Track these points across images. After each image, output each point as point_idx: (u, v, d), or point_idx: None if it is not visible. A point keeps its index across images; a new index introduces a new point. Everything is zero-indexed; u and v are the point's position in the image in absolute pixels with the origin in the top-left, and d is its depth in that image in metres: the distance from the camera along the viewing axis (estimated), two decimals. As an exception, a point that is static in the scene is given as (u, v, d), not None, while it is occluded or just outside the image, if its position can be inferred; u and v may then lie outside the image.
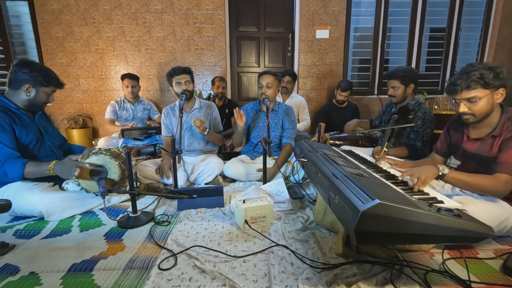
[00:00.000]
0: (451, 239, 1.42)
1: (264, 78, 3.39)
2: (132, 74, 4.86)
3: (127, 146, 4.21)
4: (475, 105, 2.07)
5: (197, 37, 5.62)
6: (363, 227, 1.26)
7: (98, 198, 2.61)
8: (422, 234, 1.34)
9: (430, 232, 1.34)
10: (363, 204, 1.26)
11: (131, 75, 4.85)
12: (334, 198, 1.53)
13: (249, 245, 2.03)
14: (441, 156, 2.64)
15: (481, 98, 2.05)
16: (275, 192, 2.82)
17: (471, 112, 2.11)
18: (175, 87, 3.37)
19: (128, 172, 2.40)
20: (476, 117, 2.12)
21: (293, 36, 5.99)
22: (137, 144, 4.39)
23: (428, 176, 1.97)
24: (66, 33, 5.47)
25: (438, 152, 2.64)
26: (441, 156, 2.64)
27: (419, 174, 1.95)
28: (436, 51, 6.08)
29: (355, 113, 5.23)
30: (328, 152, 2.38)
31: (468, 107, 2.11)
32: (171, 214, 2.57)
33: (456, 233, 1.37)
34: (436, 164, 2.22)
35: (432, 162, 2.65)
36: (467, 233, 1.39)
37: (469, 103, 2.10)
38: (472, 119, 2.15)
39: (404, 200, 1.40)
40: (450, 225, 1.36)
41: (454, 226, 1.37)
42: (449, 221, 1.36)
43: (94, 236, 2.18)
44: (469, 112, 2.12)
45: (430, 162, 2.65)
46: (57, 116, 5.74)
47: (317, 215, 2.29)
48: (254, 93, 6.24)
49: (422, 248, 1.93)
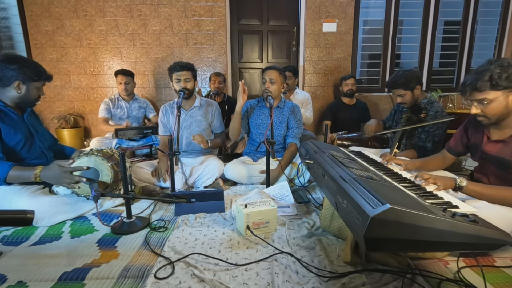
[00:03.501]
0: (467, 246, 1.41)
1: (268, 73, 3.39)
2: (126, 70, 4.89)
3: (121, 147, 4.22)
4: (487, 107, 2.05)
5: (195, 30, 5.63)
6: (372, 234, 1.26)
7: (90, 202, 2.60)
8: (435, 241, 1.33)
9: (444, 238, 1.33)
10: (373, 209, 1.26)
11: (125, 71, 4.87)
12: (342, 202, 1.53)
13: (251, 252, 2.03)
14: (453, 155, 2.63)
15: (492, 100, 2.02)
16: (279, 196, 2.82)
17: (483, 114, 2.10)
18: (174, 83, 3.38)
19: (122, 174, 2.40)
20: (489, 119, 2.11)
21: (298, 29, 6.00)
22: (132, 144, 4.40)
23: (445, 185, 1.97)
24: (56, 27, 5.49)
25: (450, 150, 2.62)
26: (453, 155, 2.63)
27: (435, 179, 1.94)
28: (450, 45, 6.08)
29: (364, 111, 5.24)
30: (336, 153, 2.38)
31: (480, 108, 2.09)
32: (168, 219, 2.57)
33: (472, 239, 1.37)
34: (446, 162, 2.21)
35: (442, 159, 2.65)
36: (483, 239, 1.39)
37: (480, 104, 2.08)
38: (486, 121, 2.14)
39: (416, 204, 1.40)
40: (465, 232, 1.35)
41: (470, 232, 1.36)
42: (464, 227, 1.36)
43: (86, 243, 2.18)
44: (482, 114, 2.10)
45: (440, 160, 2.64)
46: (46, 115, 5.76)
47: (324, 221, 2.29)
48: (257, 90, 6.25)
49: (435, 256, 1.93)
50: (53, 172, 2.36)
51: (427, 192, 1.88)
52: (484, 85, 1.99)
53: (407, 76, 3.20)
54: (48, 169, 2.38)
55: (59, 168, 2.37)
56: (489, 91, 2.00)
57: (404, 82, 3.20)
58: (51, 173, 2.37)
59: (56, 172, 2.36)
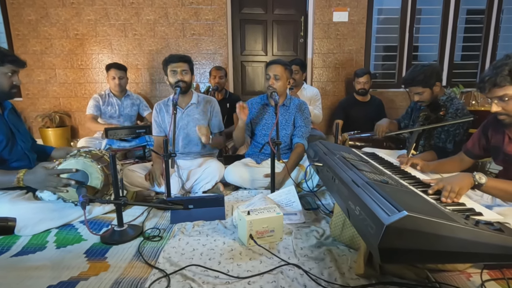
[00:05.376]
0: (491, 257, 1.41)
1: (272, 69, 3.39)
2: (119, 64, 4.89)
3: (112, 148, 4.23)
4: (508, 104, 2.05)
5: (193, 20, 5.64)
6: (388, 243, 1.27)
7: (77, 208, 2.58)
8: (457, 251, 1.33)
9: (466, 249, 1.34)
10: (388, 216, 1.27)
11: (118, 65, 4.87)
12: (354, 209, 1.54)
13: (255, 264, 2.03)
14: (470, 158, 2.63)
15: None
16: (285, 202, 2.82)
17: (505, 112, 2.09)
18: (170, 76, 3.37)
19: (113, 178, 2.41)
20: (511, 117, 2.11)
21: (306, 19, 6.00)
22: (123, 145, 4.40)
23: (463, 186, 1.95)
24: (40, 16, 5.50)
25: (467, 152, 2.63)
26: (471, 158, 2.63)
27: (451, 186, 1.93)
28: (473, 36, 6.06)
29: (379, 109, 5.22)
30: (347, 155, 2.38)
31: (501, 106, 2.09)
32: (163, 227, 2.57)
33: (497, 250, 1.37)
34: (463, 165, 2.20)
35: (459, 162, 2.65)
36: (510, 250, 1.39)
37: (501, 102, 2.07)
38: (508, 120, 2.13)
39: (436, 211, 1.40)
40: (490, 241, 1.35)
41: (495, 242, 1.36)
42: (489, 236, 1.36)
43: (73, 254, 2.19)
44: (503, 112, 2.10)
45: (457, 162, 2.64)
46: (29, 113, 5.78)
47: (334, 229, 2.29)
48: (261, 86, 6.26)
49: (457, 268, 1.93)
50: (37, 176, 2.36)
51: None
52: (504, 80, 1.98)
53: (425, 72, 3.14)
54: (32, 173, 2.38)
55: (45, 170, 2.37)
56: (510, 86, 1.99)
57: (422, 79, 3.14)
58: (36, 176, 2.36)
59: (41, 175, 2.35)
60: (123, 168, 3.18)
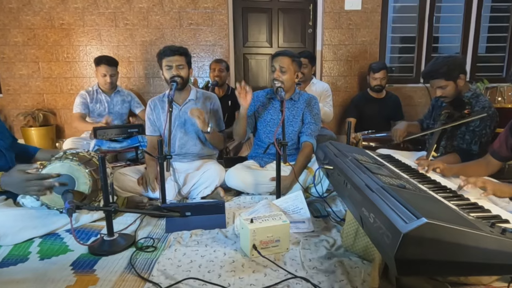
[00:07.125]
0: (520, 269, 1.42)
1: (278, 60, 3.38)
2: (110, 59, 4.86)
3: (101, 149, 4.23)
4: None
5: (191, 8, 5.65)
6: (405, 254, 1.27)
7: (63, 216, 2.56)
8: (481, 262, 1.33)
9: (491, 260, 1.34)
10: (406, 224, 1.27)
11: (109, 59, 4.84)
12: (368, 216, 1.54)
13: (259, 277, 2.04)
14: (497, 160, 2.63)
15: None
16: (291, 209, 2.82)
17: None
18: (165, 71, 3.35)
19: (102, 183, 2.41)
20: None
21: (315, 7, 6.00)
22: (114, 146, 4.39)
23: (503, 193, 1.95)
24: (22, 4, 5.51)
25: (494, 154, 2.63)
26: (497, 160, 2.63)
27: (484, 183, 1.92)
28: (499, 26, 6.05)
29: (396, 106, 5.21)
30: (361, 156, 2.38)
31: None
32: (158, 237, 2.58)
33: (526, 261, 1.37)
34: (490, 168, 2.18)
35: (485, 165, 2.65)
36: (540, 262, 1.39)
37: None
38: None
39: (458, 218, 1.40)
40: (518, 252, 1.35)
41: (524, 252, 1.36)
42: (517, 246, 1.36)
43: (58, 266, 2.19)
44: None
45: (483, 165, 2.64)
46: (10, 110, 5.80)
47: (346, 239, 2.29)
48: (265, 80, 6.27)
49: (481, 282, 1.93)
50: (13, 180, 2.31)
51: (471, 204, 1.88)
52: None
53: (448, 63, 3.14)
54: (7, 175, 2.34)
55: (21, 175, 2.32)
56: None
57: (446, 71, 3.13)
58: (12, 180, 2.32)
59: (17, 180, 2.31)
60: (113, 172, 3.18)
